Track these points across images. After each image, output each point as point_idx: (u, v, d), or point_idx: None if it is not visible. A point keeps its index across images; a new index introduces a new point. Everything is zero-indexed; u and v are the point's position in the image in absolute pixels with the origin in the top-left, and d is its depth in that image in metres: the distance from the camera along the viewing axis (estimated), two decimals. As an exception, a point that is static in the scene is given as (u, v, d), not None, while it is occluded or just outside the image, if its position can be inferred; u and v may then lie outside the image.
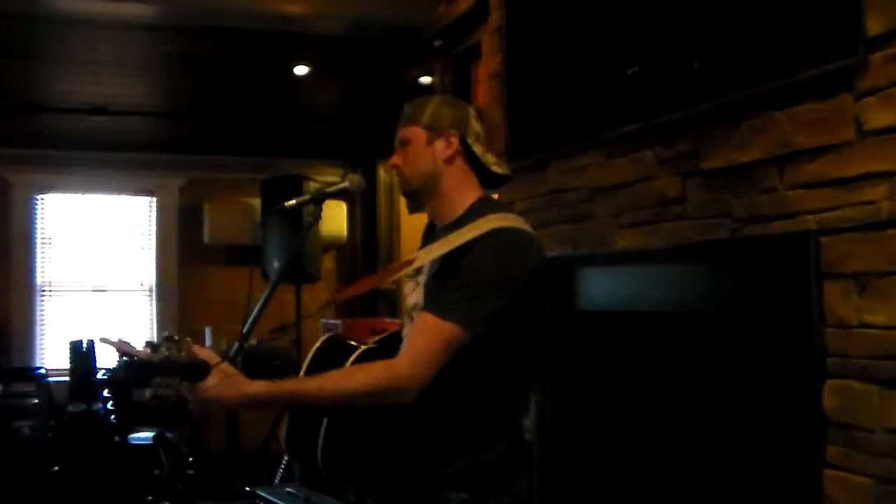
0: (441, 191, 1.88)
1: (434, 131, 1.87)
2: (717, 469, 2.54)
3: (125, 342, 1.66)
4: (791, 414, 2.17)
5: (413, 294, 1.90)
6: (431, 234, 1.97)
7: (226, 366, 1.67)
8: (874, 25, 1.88)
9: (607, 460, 3.10)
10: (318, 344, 1.94)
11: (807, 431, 2.04)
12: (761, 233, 2.20)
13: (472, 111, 1.93)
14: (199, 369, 1.62)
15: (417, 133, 1.88)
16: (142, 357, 1.63)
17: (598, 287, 3.11)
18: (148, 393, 1.61)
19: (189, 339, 1.66)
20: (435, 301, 1.73)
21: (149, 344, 1.66)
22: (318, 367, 1.89)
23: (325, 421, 1.76)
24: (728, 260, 2.45)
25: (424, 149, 1.87)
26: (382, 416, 1.76)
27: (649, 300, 2.79)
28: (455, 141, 1.87)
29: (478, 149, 1.89)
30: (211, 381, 1.63)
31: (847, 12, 1.92)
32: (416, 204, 1.95)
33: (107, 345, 1.65)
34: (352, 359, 1.84)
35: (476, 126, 1.91)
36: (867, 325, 1.90)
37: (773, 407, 2.28)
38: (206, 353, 1.68)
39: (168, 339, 1.66)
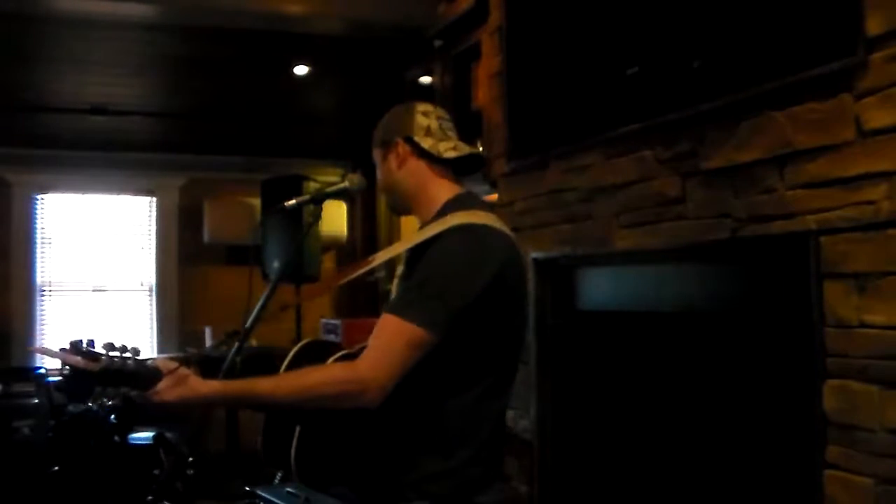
0: (408, 196, 1.91)
1: (385, 146, 1.91)
2: (718, 469, 2.54)
3: (64, 351, 1.63)
4: (791, 414, 2.17)
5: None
6: None
7: (182, 370, 1.64)
8: (874, 25, 1.88)
9: (607, 460, 3.10)
10: (296, 348, 1.92)
11: (807, 431, 2.04)
12: (761, 233, 2.20)
13: (420, 108, 1.91)
14: (149, 376, 1.62)
15: (376, 154, 1.95)
16: (80, 367, 1.61)
17: (598, 287, 3.11)
18: (91, 403, 1.60)
19: (137, 349, 1.64)
20: (396, 301, 1.71)
21: (87, 353, 1.62)
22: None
23: (297, 428, 1.74)
24: (728, 260, 2.45)
25: (382, 166, 1.93)
26: (352, 421, 1.72)
27: (649, 300, 2.79)
28: (401, 146, 1.87)
29: (427, 143, 1.86)
30: (161, 384, 1.61)
31: (847, 12, 1.92)
32: (400, 213, 2.01)
33: (45, 356, 1.63)
34: (329, 362, 1.80)
35: (423, 121, 1.88)
36: (867, 325, 1.90)
37: (774, 407, 2.28)
38: (163, 362, 1.66)
39: (111, 346, 1.63)
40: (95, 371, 1.59)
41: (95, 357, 1.61)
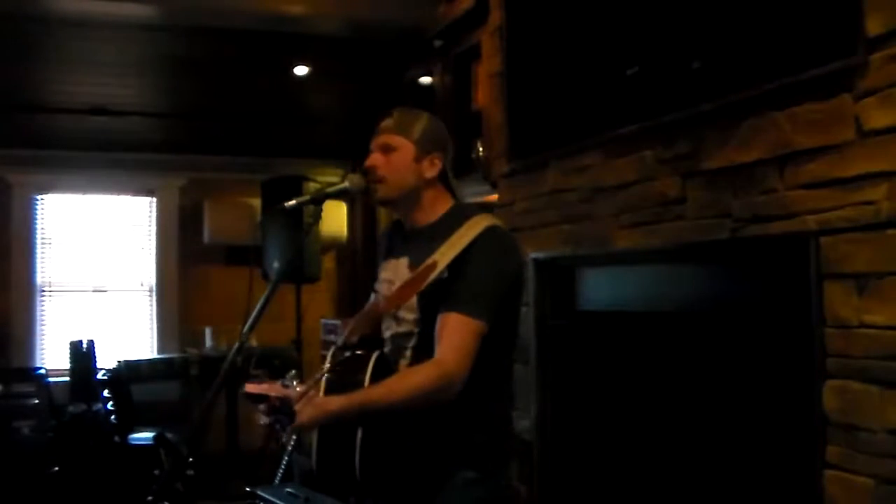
0: (419, 203, 2.00)
1: (423, 149, 1.98)
2: (718, 469, 2.54)
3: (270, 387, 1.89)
4: (791, 414, 2.17)
5: None
6: (400, 235, 2.10)
7: (312, 393, 1.81)
8: (874, 25, 1.88)
9: (607, 460, 3.10)
10: (327, 366, 1.96)
11: (807, 431, 2.04)
12: (761, 233, 2.20)
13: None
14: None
15: (407, 146, 1.97)
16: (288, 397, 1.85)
17: (598, 287, 3.11)
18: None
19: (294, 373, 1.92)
20: (458, 301, 1.84)
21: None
22: (338, 381, 1.93)
23: (359, 433, 1.82)
24: (728, 260, 2.45)
25: (411, 163, 1.97)
26: (413, 414, 1.86)
27: (649, 300, 2.79)
28: (439, 163, 2.00)
29: (450, 174, 2.03)
30: (296, 407, 1.78)
31: (847, 12, 1.92)
32: (387, 205, 2.09)
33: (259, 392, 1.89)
34: (370, 366, 1.90)
35: (450, 156, 2.04)
36: (867, 325, 1.90)
37: (773, 407, 2.28)
38: (292, 390, 1.85)
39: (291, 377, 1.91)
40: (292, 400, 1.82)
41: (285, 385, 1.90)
